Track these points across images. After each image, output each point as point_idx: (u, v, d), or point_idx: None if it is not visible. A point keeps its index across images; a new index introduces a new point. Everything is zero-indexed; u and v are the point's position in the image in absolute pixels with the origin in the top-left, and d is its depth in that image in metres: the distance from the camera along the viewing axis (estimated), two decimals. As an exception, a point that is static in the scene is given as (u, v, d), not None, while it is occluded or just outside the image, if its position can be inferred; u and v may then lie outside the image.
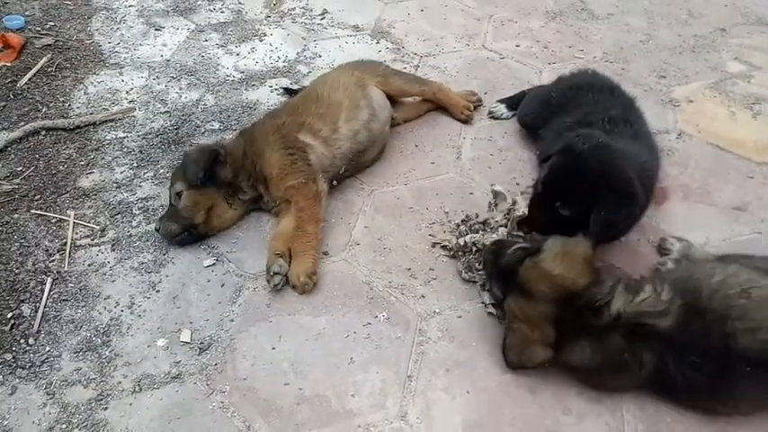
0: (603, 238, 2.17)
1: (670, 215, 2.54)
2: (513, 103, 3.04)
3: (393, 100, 2.87)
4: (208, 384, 1.97)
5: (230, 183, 2.43)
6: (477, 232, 2.36)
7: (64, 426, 1.85)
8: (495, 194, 2.33)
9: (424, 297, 2.23)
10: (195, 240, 2.40)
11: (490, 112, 3.06)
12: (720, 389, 1.74)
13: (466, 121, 2.97)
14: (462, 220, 2.44)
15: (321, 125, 2.52)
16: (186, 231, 2.36)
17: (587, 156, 2.02)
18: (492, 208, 2.32)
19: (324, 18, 3.76)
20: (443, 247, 2.36)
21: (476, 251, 2.29)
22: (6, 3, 3.69)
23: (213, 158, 2.38)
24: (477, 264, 2.26)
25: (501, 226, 2.35)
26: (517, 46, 3.54)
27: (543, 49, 3.53)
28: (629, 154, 2.12)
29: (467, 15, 3.81)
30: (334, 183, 2.55)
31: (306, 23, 3.71)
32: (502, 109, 3.04)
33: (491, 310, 2.15)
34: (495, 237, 2.30)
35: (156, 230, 2.37)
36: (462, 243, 2.31)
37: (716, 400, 1.80)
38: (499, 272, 1.98)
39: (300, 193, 2.34)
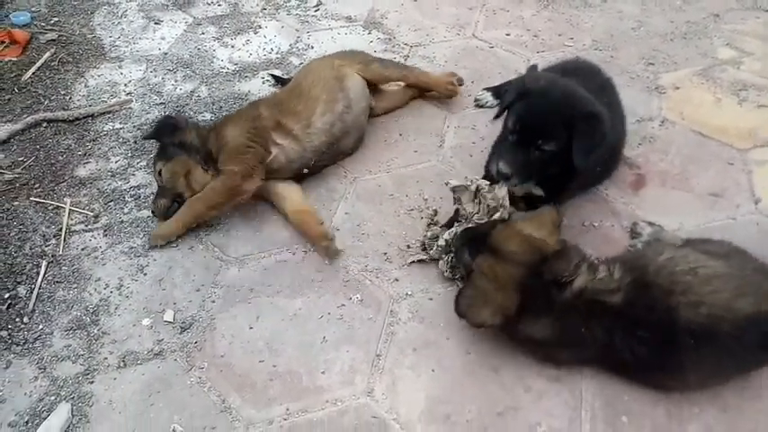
0: (559, 189, 2.29)
1: (646, 201, 2.58)
2: (499, 91, 3.08)
3: (375, 89, 2.93)
4: (187, 361, 2.09)
5: (206, 150, 2.56)
6: (452, 225, 2.35)
7: (53, 397, 1.99)
8: (455, 189, 2.31)
9: (397, 280, 2.31)
10: None
11: (476, 101, 3.11)
12: (667, 362, 1.80)
13: (451, 95, 3.05)
14: (428, 224, 2.46)
15: (295, 123, 2.58)
16: (175, 201, 2.51)
17: (549, 90, 2.13)
18: (459, 203, 2.32)
19: (318, 10, 3.84)
20: (421, 261, 2.37)
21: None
22: (14, -1, 3.84)
23: (165, 122, 2.60)
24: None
25: (475, 215, 2.31)
26: (507, 35, 3.57)
27: (533, 37, 3.55)
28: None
29: (459, 5, 3.85)
30: (305, 171, 2.63)
31: (300, 15, 3.79)
32: (487, 97, 3.09)
33: None
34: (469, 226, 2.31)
35: (153, 213, 2.51)
36: (443, 243, 2.29)
37: (664, 374, 1.85)
38: (471, 240, 2.04)
39: (225, 177, 2.45)
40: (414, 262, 2.38)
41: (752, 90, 3.09)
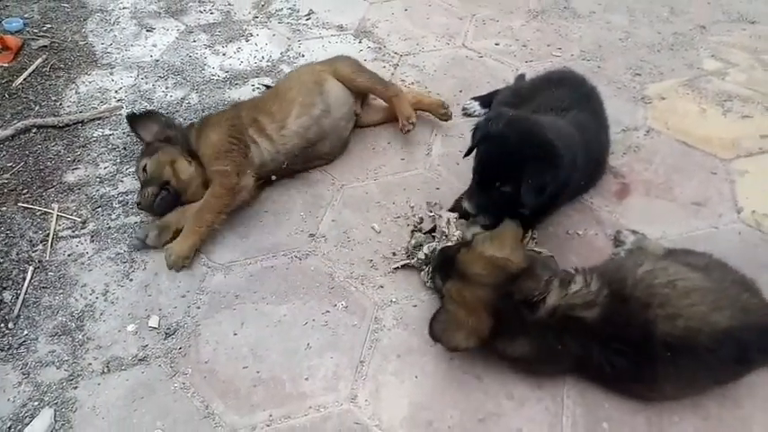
0: (544, 208, 2.31)
1: (630, 210, 2.60)
2: (486, 100, 3.11)
3: (365, 100, 2.96)
4: (171, 367, 2.09)
5: (188, 145, 2.63)
6: (434, 239, 2.38)
7: (36, 403, 1.99)
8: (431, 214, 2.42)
9: (382, 287, 2.33)
10: (175, 199, 2.53)
11: (464, 109, 3.14)
12: (643, 374, 1.82)
13: (403, 131, 2.81)
14: (412, 231, 2.47)
15: (269, 122, 2.63)
16: (163, 189, 2.50)
17: (505, 134, 2.18)
18: (438, 220, 2.38)
19: (309, 18, 3.87)
20: (405, 266, 2.38)
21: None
22: (7, 6, 3.85)
23: (149, 113, 2.74)
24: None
25: (454, 235, 2.34)
26: (496, 44, 3.61)
27: (522, 47, 3.59)
28: (542, 121, 2.27)
29: (449, 14, 3.89)
30: (273, 177, 2.67)
31: (292, 24, 3.82)
32: (475, 106, 3.12)
33: None
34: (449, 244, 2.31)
35: (138, 205, 2.51)
36: (423, 256, 2.33)
37: (641, 385, 1.87)
38: (441, 263, 2.07)
39: (220, 179, 2.47)
40: (398, 268, 2.39)
41: (736, 101, 3.13)
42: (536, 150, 2.12)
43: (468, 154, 2.41)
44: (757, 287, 1.92)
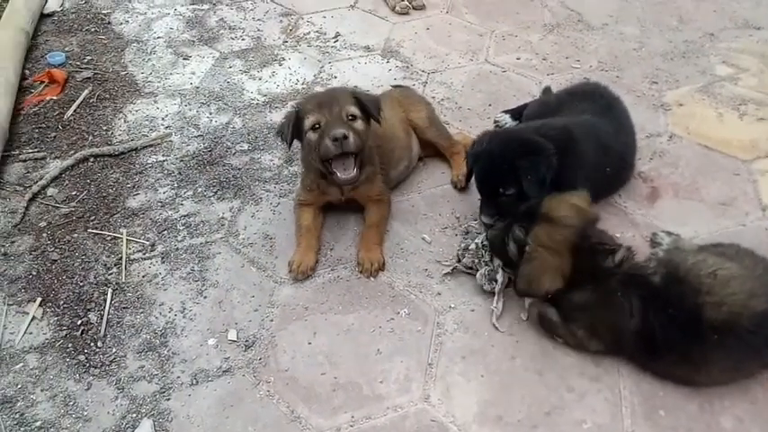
0: (601, 187, 2.65)
1: (662, 212, 2.79)
2: (516, 113, 3.30)
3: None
4: (254, 376, 2.25)
5: None
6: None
7: (134, 415, 2.15)
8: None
9: (440, 294, 2.50)
10: None
11: (495, 122, 3.32)
12: (693, 353, 2.02)
13: (455, 186, 2.97)
14: (463, 239, 2.63)
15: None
16: None
17: (493, 147, 2.49)
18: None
19: (337, 41, 4.05)
20: (454, 271, 2.56)
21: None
22: (47, 40, 4.03)
23: None
24: (496, 274, 2.44)
25: None
26: (518, 59, 3.81)
27: (542, 60, 3.79)
28: (527, 128, 2.59)
29: (469, 32, 4.08)
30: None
31: (320, 47, 4.00)
32: (506, 119, 3.30)
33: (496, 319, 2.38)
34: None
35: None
36: (474, 247, 2.49)
37: (690, 365, 2.06)
38: (521, 216, 2.27)
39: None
40: (448, 273, 2.56)
41: (750, 104, 3.33)
42: (522, 149, 2.38)
43: (468, 179, 2.69)
44: None
